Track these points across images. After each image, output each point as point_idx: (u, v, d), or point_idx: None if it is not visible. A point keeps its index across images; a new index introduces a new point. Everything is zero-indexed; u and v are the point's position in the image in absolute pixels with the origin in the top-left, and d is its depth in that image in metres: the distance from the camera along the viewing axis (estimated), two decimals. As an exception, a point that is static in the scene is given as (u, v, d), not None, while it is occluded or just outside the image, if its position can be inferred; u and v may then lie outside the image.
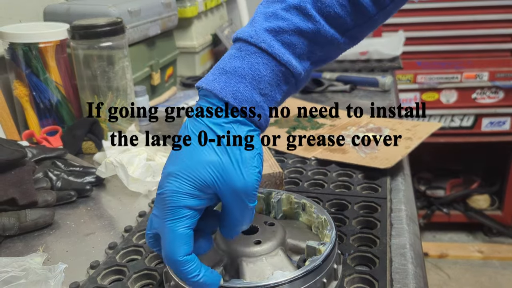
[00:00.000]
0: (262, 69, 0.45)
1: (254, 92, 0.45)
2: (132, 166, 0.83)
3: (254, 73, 0.45)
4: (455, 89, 2.21)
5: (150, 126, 1.17)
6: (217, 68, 0.47)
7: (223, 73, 0.46)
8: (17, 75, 1.01)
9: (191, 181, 0.44)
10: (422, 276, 0.58)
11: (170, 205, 0.44)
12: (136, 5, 1.16)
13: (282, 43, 0.46)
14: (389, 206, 0.71)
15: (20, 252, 0.67)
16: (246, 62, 0.45)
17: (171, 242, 0.44)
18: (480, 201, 2.45)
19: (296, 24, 0.46)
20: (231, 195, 0.45)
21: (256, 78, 0.45)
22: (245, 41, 0.46)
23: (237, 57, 0.46)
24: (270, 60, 0.46)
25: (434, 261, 2.33)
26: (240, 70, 0.45)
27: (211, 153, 0.44)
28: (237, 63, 0.46)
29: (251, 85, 0.45)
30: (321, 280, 0.50)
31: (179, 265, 0.44)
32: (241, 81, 0.45)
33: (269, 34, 0.46)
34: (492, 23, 2.13)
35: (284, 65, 0.46)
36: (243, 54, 0.46)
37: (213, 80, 0.46)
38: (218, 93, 0.45)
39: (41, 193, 0.75)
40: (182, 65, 1.54)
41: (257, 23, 0.47)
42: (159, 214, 0.45)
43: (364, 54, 1.58)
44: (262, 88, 0.46)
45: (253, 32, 0.46)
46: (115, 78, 1.02)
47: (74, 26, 0.97)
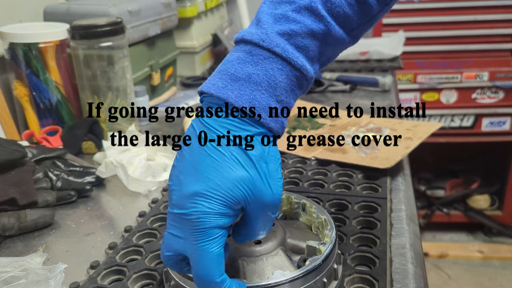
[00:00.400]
0: (277, 75, 0.44)
1: (270, 100, 0.44)
2: (132, 166, 0.83)
3: (269, 80, 0.43)
4: (455, 89, 2.21)
5: (150, 126, 1.17)
6: (226, 74, 0.44)
7: (234, 79, 0.43)
8: (17, 75, 1.01)
9: (222, 201, 0.42)
10: (422, 276, 0.58)
11: (201, 227, 0.42)
12: (136, 5, 1.16)
13: (295, 46, 0.44)
14: (389, 206, 0.71)
15: (20, 252, 0.67)
16: (260, 68, 0.43)
17: (207, 265, 0.42)
18: (480, 201, 2.45)
19: (309, 26, 0.44)
20: (259, 208, 0.44)
21: (271, 84, 0.44)
22: (255, 45, 0.44)
23: (248, 62, 0.44)
24: (284, 65, 0.44)
25: (434, 261, 2.33)
26: (254, 77, 0.43)
27: (239, 168, 0.42)
28: (249, 68, 0.43)
29: (267, 93, 0.43)
30: (321, 280, 0.50)
31: (216, 286, 0.43)
32: (257, 88, 0.43)
33: (281, 37, 0.44)
34: (492, 23, 2.13)
35: (298, 70, 0.45)
36: (255, 59, 0.44)
37: (224, 87, 0.43)
38: (234, 102, 0.43)
39: (41, 193, 0.75)
40: (182, 65, 1.54)
41: (266, 25, 0.45)
42: (185, 236, 0.42)
43: (364, 54, 1.58)
44: (278, 95, 0.44)
45: (265, 36, 0.44)
46: (115, 78, 1.02)
47: (74, 26, 0.97)
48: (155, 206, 0.74)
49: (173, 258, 0.45)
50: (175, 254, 0.45)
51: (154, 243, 0.65)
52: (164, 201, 0.76)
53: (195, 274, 0.43)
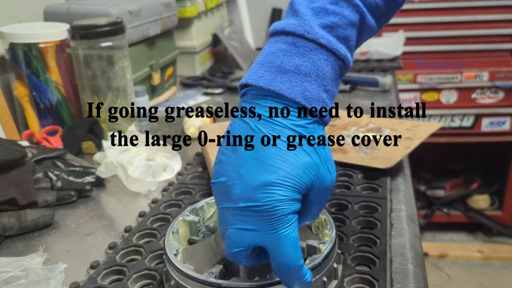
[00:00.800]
0: (324, 66, 0.45)
1: (320, 90, 0.45)
2: (132, 166, 0.83)
3: (317, 71, 0.45)
4: (455, 89, 2.21)
5: (150, 126, 1.17)
6: (272, 66, 0.45)
7: (282, 71, 0.44)
8: (17, 75, 1.01)
9: (294, 187, 0.43)
10: (422, 276, 0.58)
11: (278, 215, 0.42)
12: (136, 5, 1.16)
13: (337, 38, 0.46)
14: (389, 206, 0.71)
15: (20, 252, 0.67)
16: (307, 59, 0.44)
17: (290, 250, 0.43)
18: (480, 201, 2.45)
19: (348, 17, 0.46)
20: (320, 192, 0.46)
21: (319, 75, 0.45)
22: (300, 36, 0.45)
23: (294, 53, 0.45)
24: (329, 56, 0.45)
25: (434, 261, 2.33)
26: (303, 68, 0.44)
27: (304, 155, 0.44)
28: (296, 60, 0.44)
29: (316, 83, 0.45)
30: (321, 279, 0.50)
31: (299, 269, 0.44)
32: (307, 79, 0.44)
33: (324, 30, 0.45)
34: (492, 23, 2.13)
35: (342, 60, 0.46)
36: (301, 51, 0.45)
37: (273, 79, 0.44)
38: (287, 94, 0.44)
39: (41, 193, 0.75)
40: (182, 65, 1.54)
41: (306, 17, 0.45)
42: (260, 227, 0.43)
43: (364, 54, 1.58)
44: (325, 85, 0.45)
45: (309, 27, 0.45)
46: (115, 78, 1.02)
47: (74, 26, 0.97)
48: (155, 206, 0.74)
49: (243, 253, 0.45)
50: (245, 249, 0.45)
51: (154, 243, 0.65)
52: (164, 201, 0.76)
53: (278, 263, 0.44)
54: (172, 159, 0.89)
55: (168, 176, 0.86)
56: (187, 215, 0.60)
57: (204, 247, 0.56)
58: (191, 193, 0.79)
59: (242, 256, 0.46)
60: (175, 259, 0.51)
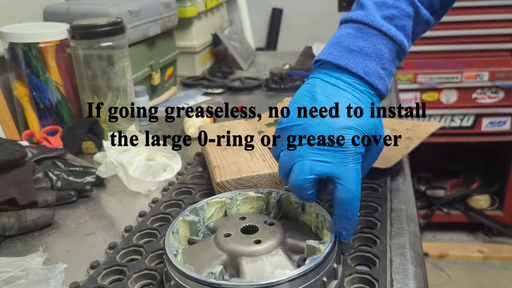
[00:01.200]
0: (382, 48, 0.55)
1: (378, 67, 0.55)
2: (132, 166, 0.83)
3: (377, 52, 0.55)
4: (455, 89, 2.21)
5: (150, 126, 1.17)
6: (340, 46, 0.56)
7: (349, 50, 0.55)
8: (17, 75, 1.01)
9: (363, 132, 0.53)
10: (422, 276, 0.58)
11: (352, 152, 0.52)
12: (136, 5, 1.16)
13: (395, 26, 0.56)
14: (389, 206, 0.71)
15: (20, 252, 0.67)
16: (369, 42, 0.55)
17: (356, 182, 0.53)
18: (480, 201, 2.45)
19: (404, 10, 0.56)
20: (376, 145, 0.57)
21: (379, 55, 0.55)
22: (365, 24, 0.55)
23: (359, 37, 0.55)
24: (388, 40, 0.56)
25: (434, 261, 2.33)
26: (365, 49, 0.55)
27: (369, 115, 0.55)
28: (360, 43, 0.55)
29: (375, 62, 0.55)
30: (321, 279, 0.50)
31: (357, 202, 0.53)
32: (368, 58, 0.55)
33: (385, 20, 0.55)
34: (492, 23, 2.13)
35: (399, 45, 0.56)
36: (365, 36, 0.55)
37: (341, 56, 0.55)
38: (351, 68, 0.54)
39: (41, 193, 0.75)
40: (182, 65, 1.54)
41: (371, 9, 0.56)
42: (336, 161, 0.52)
43: (364, 54, 1.58)
44: (383, 64, 0.56)
45: (372, 17, 0.55)
46: (115, 78, 1.02)
47: (74, 26, 0.97)
48: (155, 206, 0.74)
49: (313, 181, 0.53)
50: (316, 177, 0.53)
51: (154, 243, 0.65)
52: (164, 201, 0.76)
53: (342, 193, 0.52)
54: (172, 159, 0.89)
55: (168, 176, 0.86)
56: (187, 215, 0.60)
57: (204, 247, 0.56)
58: (191, 193, 0.79)
59: (308, 186, 0.53)
60: (175, 260, 0.51)
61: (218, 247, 0.54)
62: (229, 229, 0.57)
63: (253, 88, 1.41)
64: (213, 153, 0.80)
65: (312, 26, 2.74)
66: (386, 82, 0.57)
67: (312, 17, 2.74)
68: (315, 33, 2.70)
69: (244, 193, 0.65)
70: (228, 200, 0.64)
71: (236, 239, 0.55)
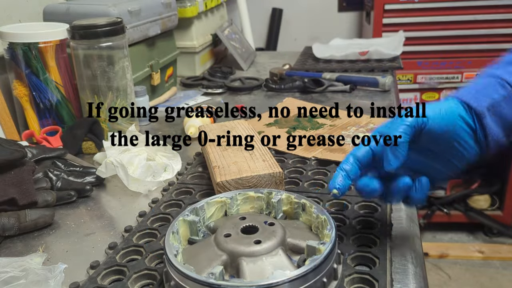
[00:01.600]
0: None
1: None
2: (132, 166, 0.83)
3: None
4: (455, 89, 2.20)
5: (150, 126, 1.17)
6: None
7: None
8: (17, 75, 1.01)
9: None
10: (422, 276, 0.58)
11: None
12: (136, 5, 1.16)
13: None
14: (389, 206, 0.71)
15: (20, 252, 0.67)
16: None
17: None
18: (480, 201, 2.45)
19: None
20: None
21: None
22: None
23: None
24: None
25: (434, 261, 2.33)
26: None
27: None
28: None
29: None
30: (321, 280, 0.50)
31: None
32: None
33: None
34: (492, 23, 2.13)
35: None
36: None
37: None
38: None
39: (41, 193, 0.75)
40: (182, 65, 1.54)
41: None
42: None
43: (364, 54, 1.58)
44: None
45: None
46: (115, 78, 1.02)
47: (74, 26, 0.97)
48: (155, 206, 0.74)
49: (406, 143, 0.58)
50: (410, 136, 0.58)
51: (154, 243, 0.65)
52: (164, 201, 0.76)
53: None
54: (172, 159, 0.89)
55: (168, 176, 0.86)
56: (187, 215, 0.60)
57: (204, 247, 0.56)
58: (191, 193, 0.79)
59: (403, 146, 0.58)
60: (175, 260, 0.51)
61: (218, 247, 0.54)
62: (229, 229, 0.57)
63: (253, 88, 1.41)
64: (213, 153, 0.80)
65: (312, 26, 2.75)
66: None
67: (312, 17, 2.74)
68: (315, 33, 2.71)
69: (244, 193, 0.65)
70: (228, 200, 0.64)
71: (236, 239, 0.55)
